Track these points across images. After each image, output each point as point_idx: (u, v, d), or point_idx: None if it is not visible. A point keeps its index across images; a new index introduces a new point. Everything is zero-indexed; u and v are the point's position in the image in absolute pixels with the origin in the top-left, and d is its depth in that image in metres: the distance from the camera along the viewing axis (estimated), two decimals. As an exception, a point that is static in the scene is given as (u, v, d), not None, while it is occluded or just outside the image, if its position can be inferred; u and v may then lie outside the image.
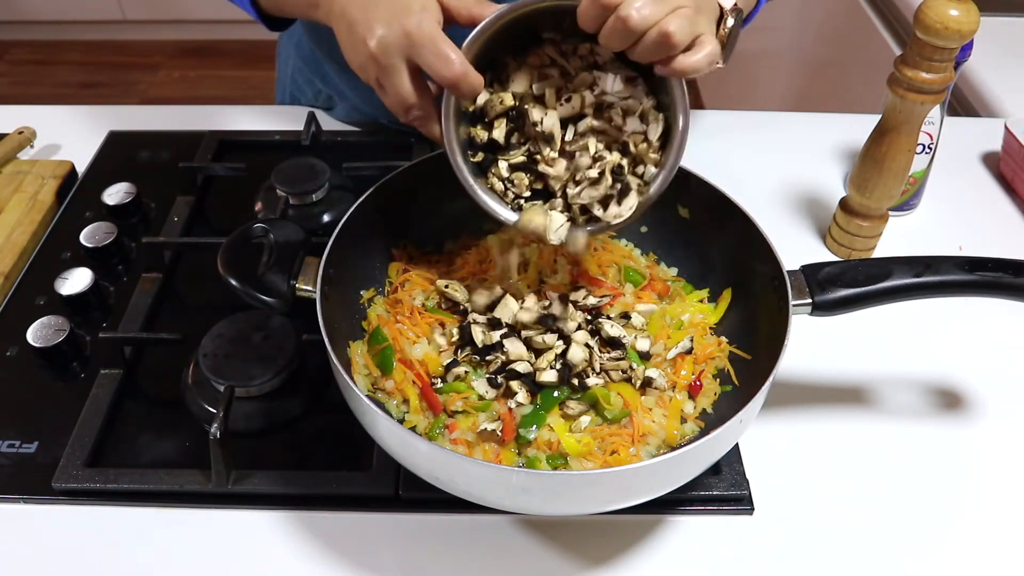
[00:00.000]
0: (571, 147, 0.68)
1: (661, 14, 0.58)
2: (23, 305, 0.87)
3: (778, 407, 0.79)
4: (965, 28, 0.76)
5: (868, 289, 0.68)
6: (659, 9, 0.58)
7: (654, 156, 0.68)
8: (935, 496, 0.73)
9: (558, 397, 0.69)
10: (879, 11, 1.63)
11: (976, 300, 0.70)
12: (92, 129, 1.11)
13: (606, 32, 0.60)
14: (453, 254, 0.83)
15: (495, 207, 0.71)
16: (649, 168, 0.68)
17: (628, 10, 0.58)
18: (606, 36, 0.60)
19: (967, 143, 1.13)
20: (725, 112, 1.18)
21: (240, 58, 3.20)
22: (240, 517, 0.70)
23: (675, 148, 0.67)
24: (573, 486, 0.60)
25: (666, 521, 0.71)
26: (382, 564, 0.68)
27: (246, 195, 0.99)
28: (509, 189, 0.70)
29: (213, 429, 0.68)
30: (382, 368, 0.72)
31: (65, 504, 0.71)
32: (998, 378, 0.83)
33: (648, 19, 0.58)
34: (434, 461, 0.61)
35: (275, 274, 0.68)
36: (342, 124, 1.14)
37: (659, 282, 0.81)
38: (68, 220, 0.97)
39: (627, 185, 0.67)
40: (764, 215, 0.76)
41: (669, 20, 0.58)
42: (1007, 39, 1.35)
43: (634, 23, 0.58)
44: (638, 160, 0.69)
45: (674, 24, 0.58)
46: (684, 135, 0.66)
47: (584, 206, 0.69)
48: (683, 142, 0.66)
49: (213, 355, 0.76)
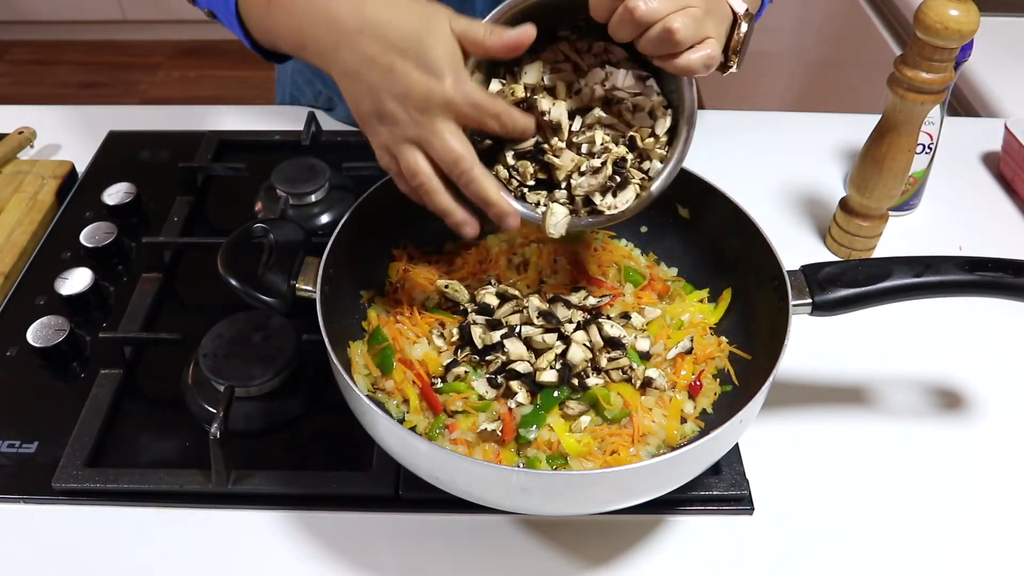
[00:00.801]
0: (578, 139, 0.68)
1: (668, 10, 0.59)
2: (23, 305, 0.87)
3: (778, 407, 0.79)
4: (965, 28, 0.76)
5: (868, 289, 0.68)
6: (667, 5, 0.59)
7: (660, 152, 0.68)
8: (935, 496, 0.73)
9: (558, 397, 0.69)
10: (879, 11, 1.63)
11: (976, 300, 0.70)
12: (92, 129, 1.11)
13: (615, 21, 0.61)
14: (453, 254, 0.83)
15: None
16: (655, 164, 0.69)
17: (636, 1, 0.59)
18: (614, 25, 0.61)
19: (967, 143, 1.13)
20: (725, 112, 1.18)
21: (240, 58, 3.20)
22: (240, 517, 0.70)
23: (680, 145, 0.67)
24: (573, 486, 0.60)
25: (666, 521, 0.71)
26: (382, 564, 0.68)
27: (246, 195, 0.99)
28: (513, 177, 0.71)
29: (213, 429, 0.68)
30: (382, 368, 0.72)
31: (65, 504, 0.71)
32: (998, 378, 0.83)
33: (655, 12, 0.59)
34: (434, 461, 0.61)
35: (275, 274, 0.68)
36: (342, 124, 1.14)
37: (659, 282, 0.81)
38: (68, 220, 0.97)
39: (626, 179, 0.67)
40: (764, 215, 0.76)
41: (674, 17, 0.59)
42: (1007, 39, 1.35)
43: (640, 14, 0.59)
44: (644, 155, 0.69)
45: (679, 21, 0.59)
46: (690, 133, 0.67)
47: (587, 198, 0.69)
48: (688, 139, 0.67)
49: (213, 355, 0.76)
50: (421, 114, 0.62)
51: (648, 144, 0.68)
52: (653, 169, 0.69)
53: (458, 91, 0.61)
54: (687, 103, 0.66)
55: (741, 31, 0.68)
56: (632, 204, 0.68)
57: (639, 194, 0.69)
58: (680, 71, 0.62)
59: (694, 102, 0.66)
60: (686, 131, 0.67)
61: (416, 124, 0.62)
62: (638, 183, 0.68)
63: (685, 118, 0.67)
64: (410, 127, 0.63)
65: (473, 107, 0.62)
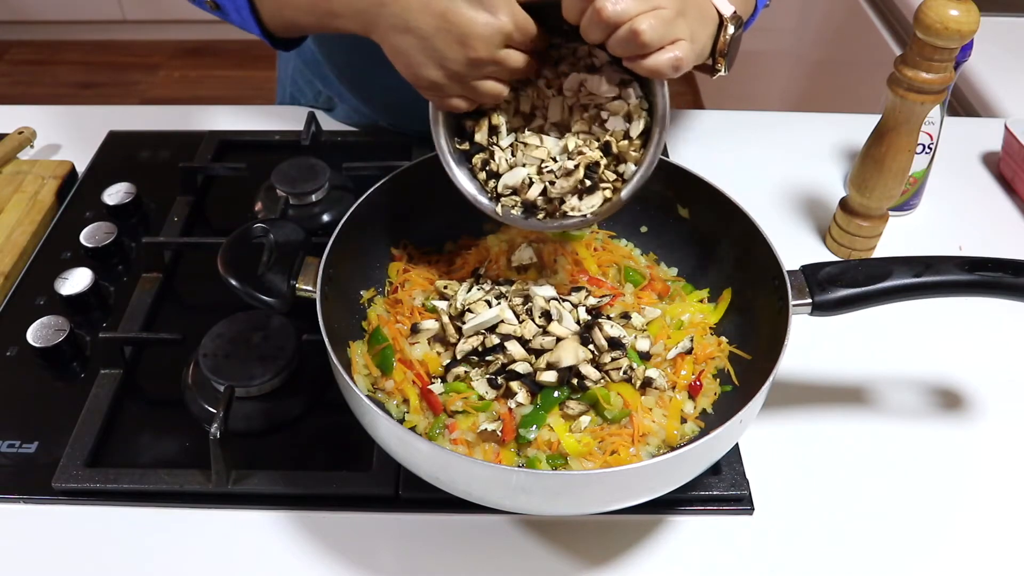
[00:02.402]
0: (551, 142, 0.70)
1: (637, 11, 0.59)
2: (23, 305, 0.87)
3: (778, 407, 0.79)
4: (965, 28, 0.76)
5: (868, 289, 0.68)
6: (635, 6, 0.59)
7: (635, 154, 0.68)
8: (935, 496, 0.73)
9: (558, 397, 0.69)
10: (879, 11, 1.63)
11: (976, 300, 0.70)
12: (92, 129, 1.11)
13: (585, 22, 0.61)
14: (453, 254, 0.83)
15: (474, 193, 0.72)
16: (629, 166, 0.69)
17: (604, 2, 0.59)
18: (585, 27, 0.62)
19: (967, 143, 1.13)
20: (725, 112, 1.18)
21: (240, 58, 3.20)
22: (240, 517, 0.70)
23: (652, 148, 0.67)
24: (573, 486, 0.60)
25: (666, 521, 0.71)
26: (382, 564, 0.68)
27: (246, 195, 0.99)
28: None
29: (213, 429, 0.68)
30: (382, 368, 0.72)
31: (65, 504, 0.71)
32: (998, 378, 0.83)
33: (621, 14, 0.59)
34: (434, 461, 0.61)
35: (275, 274, 0.68)
36: (342, 124, 1.14)
37: (659, 282, 0.81)
38: (68, 220, 0.97)
39: (595, 183, 0.68)
40: (764, 215, 0.76)
41: (642, 18, 0.59)
42: (1007, 39, 1.35)
43: (607, 15, 0.59)
44: (620, 158, 0.69)
45: (646, 23, 0.59)
46: (661, 136, 0.67)
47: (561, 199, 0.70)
48: (660, 142, 0.67)
49: (213, 355, 0.76)
50: (485, 50, 0.63)
51: (623, 147, 0.68)
52: (627, 172, 0.69)
53: (513, 20, 0.63)
54: (659, 106, 0.66)
55: (728, 34, 0.68)
56: (600, 208, 0.69)
57: (608, 199, 0.69)
58: (648, 73, 0.62)
59: (666, 104, 0.65)
60: (658, 134, 0.67)
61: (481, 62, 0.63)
62: (609, 186, 0.69)
63: (657, 120, 0.67)
64: (477, 66, 0.64)
65: (521, 30, 0.63)
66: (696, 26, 0.65)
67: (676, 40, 0.61)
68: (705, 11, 0.67)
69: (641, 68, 0.62)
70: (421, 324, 0.74)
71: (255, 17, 0.71)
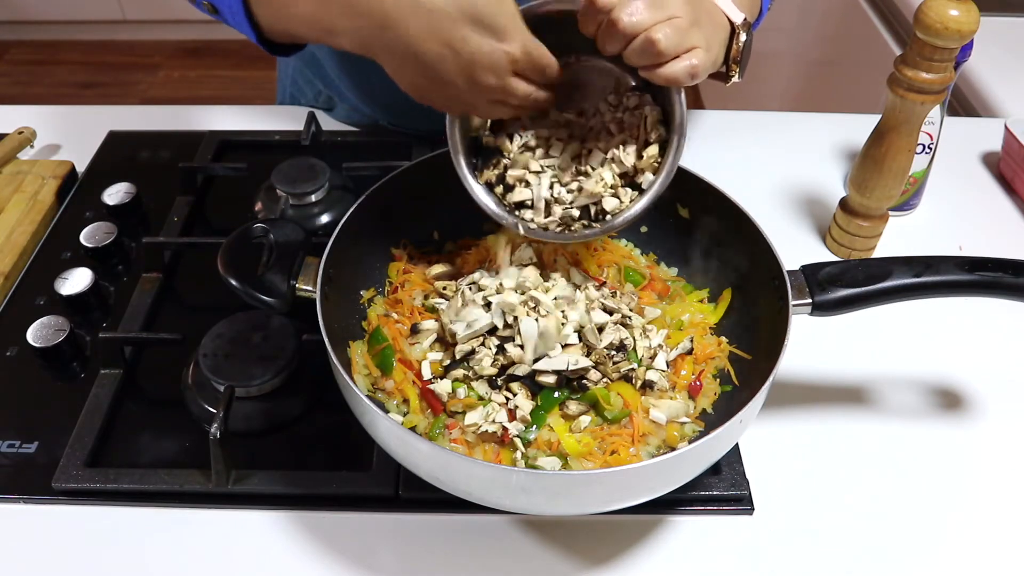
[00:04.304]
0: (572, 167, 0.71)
1: (652, 21, 0.60)
2: (23, 305, 0.87)
3: (778, 407, 0.79)
4: (965, 28, 0.76)
5: (868, 289, 0.68)
6: (650, 16, 0.60)
7: (653, 164, 0.69)
8: (935, 496, 0.73)
9: (558, 397, 0.69)
10: (879, 11, 1.63)
11: (976, 300, 0.70)
12: (92, 129, 1.11)
13: (601, 34, 0.62)
14: (453, 254, 0.83)
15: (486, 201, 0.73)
16: (647, 175, 0.69)
17: (619, 13, 0.59)
18: (601, 38, 0.62)
19: (967, 143, 1.13)
20: (725, 112, 1.18)
21: (240, 58, 3.20)
22: (240, 517, 0.70)
23: (671, 156, 0.68)
24: (573, 486, 0.60)
25: (666, 521, 0.71)
26: (382, 564, 0.68)
27: (246, 195, 0.99)
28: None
29: (213, 429, 0.68)
30: (382, 368, 0.72)
31: (65, 504, 0.71)
32: (998, 378, 0.83)
33: (637, 25, 0.60)
34: (434, 461, 0.61)
35: (275, 274, 0.68)
36: (342, 124, 1.14)
37: (659, 282, 0.81)
38: (68, 220, 0.97)
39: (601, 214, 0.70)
40: (764, 215, 0.76)
41: (657, 28, 0.60)
42: (1007, 39, 1.35)
43: (623, 26, 0.59)
44: (638, 169, 0.70)
45: (661, 32, 0.60)
46: (680, 143, 0.67)
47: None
48: (679, 150, 0.67)
49: (213, 355, 0.76)
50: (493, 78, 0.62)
51: (642, 164, 0.69)
52: (646, 181, 0.69)
53: (523, 49, 0.62)
54: (677, 114, 0.66)
55: (740, 41, 0.69)
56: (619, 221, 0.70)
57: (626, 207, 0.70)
58: (664, 81, 0.62)
59: (684, 113, 0.66)
60: (676, 142, 0.67)
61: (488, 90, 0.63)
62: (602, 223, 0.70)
63: (675, 128, 0.67)
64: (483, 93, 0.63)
65: (531, 59, 0.63)
66: (710, 34, 0.65)
67: (691, 48, 0.62)
68: (717, 19, 0.68)
69: (658, 77, 0.62)
70: (421, 324, 0.74)
71: (251, 23, 0.71)
